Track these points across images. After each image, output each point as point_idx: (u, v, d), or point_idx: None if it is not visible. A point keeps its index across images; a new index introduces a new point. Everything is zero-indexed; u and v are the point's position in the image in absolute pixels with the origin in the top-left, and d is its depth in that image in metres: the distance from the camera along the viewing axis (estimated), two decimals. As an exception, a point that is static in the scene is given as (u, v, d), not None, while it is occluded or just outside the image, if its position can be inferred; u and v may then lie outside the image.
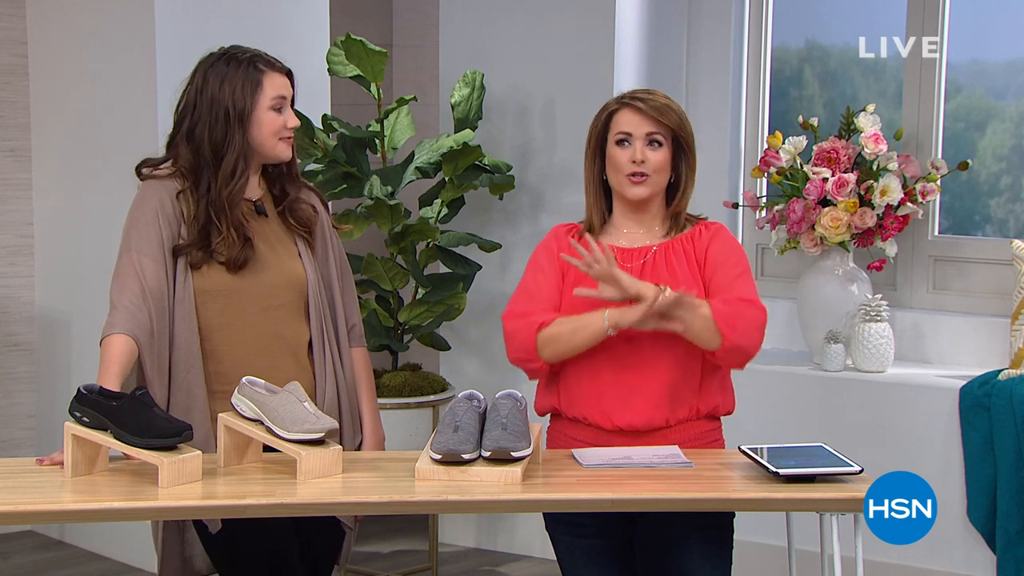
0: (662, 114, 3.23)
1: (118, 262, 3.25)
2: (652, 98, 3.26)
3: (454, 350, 5.25)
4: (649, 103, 3.24)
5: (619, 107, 3.27)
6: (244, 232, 3.26)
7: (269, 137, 3.28)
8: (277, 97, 3.28)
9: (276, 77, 3.29)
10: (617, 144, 3.25)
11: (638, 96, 3.27)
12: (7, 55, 5.35)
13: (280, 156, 3.31)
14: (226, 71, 3.27)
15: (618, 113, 3.26)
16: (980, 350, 4.77)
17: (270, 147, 3.29)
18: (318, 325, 3.35)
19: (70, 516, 2.98)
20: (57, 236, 5.37)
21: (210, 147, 3.25)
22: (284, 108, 3.30)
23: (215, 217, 3.24)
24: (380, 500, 2.88)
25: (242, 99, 3.25)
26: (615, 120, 3.26)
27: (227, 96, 3.25)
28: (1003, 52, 4.98)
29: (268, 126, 3.27)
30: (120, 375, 3.10)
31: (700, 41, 5.25)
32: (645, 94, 3.28)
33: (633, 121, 3.24)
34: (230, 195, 3.25)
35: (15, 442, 5.49)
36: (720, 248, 3.26)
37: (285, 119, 3.29)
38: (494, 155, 5.12)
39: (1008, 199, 4.95)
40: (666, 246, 3.28)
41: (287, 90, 3.31)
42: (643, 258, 3.26)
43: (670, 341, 3.19)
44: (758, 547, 4.63)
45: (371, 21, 6.07)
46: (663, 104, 3.25)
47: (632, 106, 3.25)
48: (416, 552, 5.30)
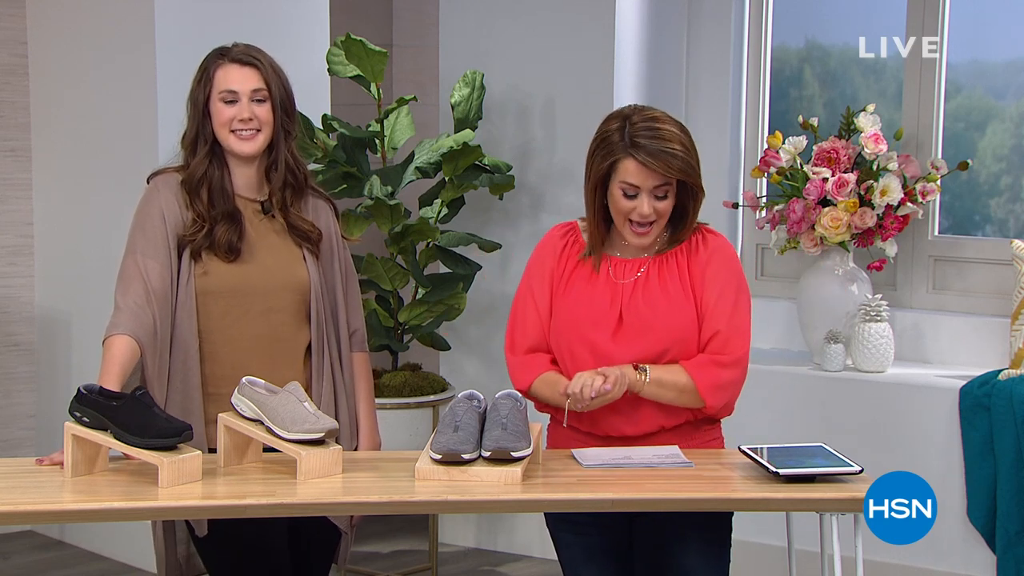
0: (668, 167, 3.10)
1: (123, 263, 3.26)
2: (659, 147, 3.10)
3: (454, 350, 5.25)
4: (656, 155, 3.10)
5: (623, 155, 3.13)
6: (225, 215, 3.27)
7: (219, 129, 3.30)
8: (225, 90, 3.28)
9: (232, 69, 3.29)
10: (622, 193, 3.15)
11: (643, 144, 3.11)
12: (7, 55, 5.35)
13: (233, 149, 3.30)
14: (200, 65, 3.34)
15: (623, 162, 3.13)
16: (980, 350, 4.77)
17: (223, 139, 3.30)
18: (319, 329, 3.35)
19: (70, 516, 2.98)
20: (57, 236, 5.37)
21: (190, 140, 3.33)
22: (238, 101, 3.28)
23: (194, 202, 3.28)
24: (380, 500, 2.88)
25: (197, 90, 3.31)
26: (620, 168, 3.14)
27: (192, 89, 3.33)
28: (1003, 52, 4.98)
29: (217, 117, 3.29)
30: (121, 375, 3.10)
31: (700, 41, 5.25)
32: (650, 136, 3.11)
33: (640, 175, 3.12)
34: (189, 176, 3.29)
35: (15, 442, 5.49)
36: (718, 271, 3.22)
37: (235, 111, 3.28)
38: (494, 155, 5.12)
39: (1008, 199, 4.95)
40: (660, 260, 3.25)
41: (241, 84, 3.28)
42: (636, 273, 3.25)
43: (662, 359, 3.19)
44: (758, 547, 4.63)
45: (371, 21, 6.07)
46: (669, 152, 3.11)
47: (639, 162, 3.11)
48: (416, 552, 5.30)
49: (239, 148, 3.30)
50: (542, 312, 3.27)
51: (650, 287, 3.22)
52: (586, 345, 3.20)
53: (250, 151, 3.30)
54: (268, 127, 3.30)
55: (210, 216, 3.27)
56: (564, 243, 3.31)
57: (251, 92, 3.29)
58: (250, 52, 3.32)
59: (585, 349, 3.20)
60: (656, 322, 3.18)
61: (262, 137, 3.30)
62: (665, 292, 3.21)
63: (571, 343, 3.22)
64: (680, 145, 3.13)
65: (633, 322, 3.19)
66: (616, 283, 3.23)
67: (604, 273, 3.25)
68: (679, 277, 3.23)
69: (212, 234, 3.26)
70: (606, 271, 3.25)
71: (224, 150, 3.32)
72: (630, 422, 3.20)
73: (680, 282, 3.22)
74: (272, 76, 3.31)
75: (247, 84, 3.29)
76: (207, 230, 3.26)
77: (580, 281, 3.26)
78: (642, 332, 3.19)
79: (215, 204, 3.29)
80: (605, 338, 3.19)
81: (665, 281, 3.22)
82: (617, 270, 3.25)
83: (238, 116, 3.28)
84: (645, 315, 3.19)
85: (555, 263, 3.29)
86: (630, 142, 3.13)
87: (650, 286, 3.22)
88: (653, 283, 3.22)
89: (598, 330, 3.20)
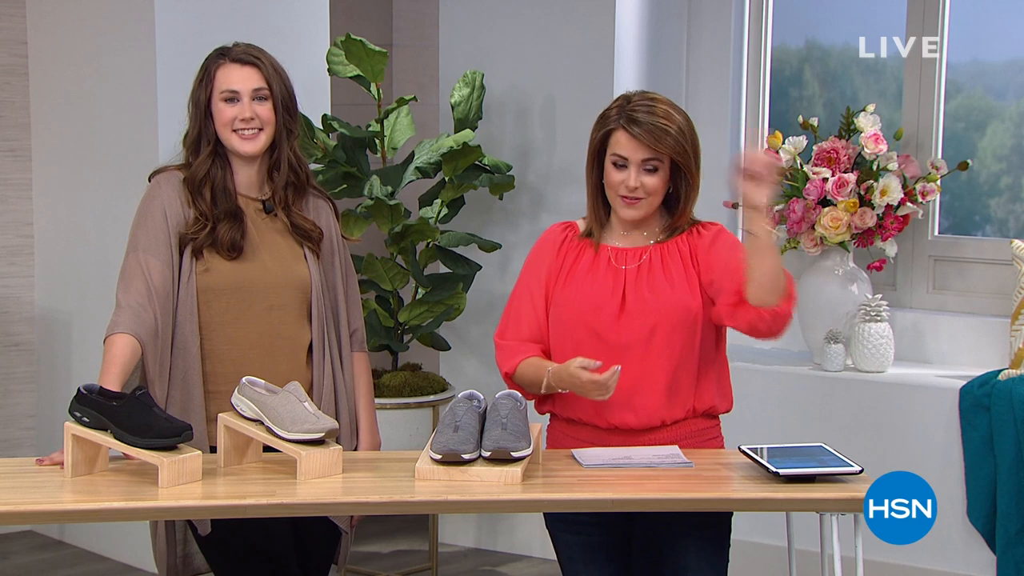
0: (658, 141, 3.15)
1: (124, 262, 3.26)
2: (651, 121, 3.16)
3: (454, 350, 5.25)
4: (647, 128, 3.15)
5: (616, 127, 3.19)
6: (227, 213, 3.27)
7: (221, 129, 3.30)
8: (226, 90, 3.28)
9: (232, 69, 3.30)
10: (613, 164, 3.21)
11: (637, 118, 3.17)
12: (7, 55, 5.35)
13: (235, 148, 3.31)
14: (202, 65, 3.34)
15: (616, 133, 3.19)
16: (980, 350, 4.77)
17: (225, 139, 3.31)
18: (319, 328, 3.35)
19: (70, 516, 2.98)
20: (57, 236, 5.37)
21: (192, 139, 3.33)
22: (239, 100, 3.29)
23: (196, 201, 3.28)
24: (380, 500, 2.89)
25: (199, 90, 3.32)
26: (612, 140, 3.20)
27: (193, 89, 3.33)
28: (1003, 52, 4.98)
29: (219, 117, 3.30)
30: (121, 375, 3.10)
31: (700, 41, 5.25)
32: (645, 112, 3.17)
33: (629, 146, 3.18)
34: (192, 175, 3.29)
35: (15, 442, 5.49)
36: (723, 242, 3.25)
37: (237, 111, 3.28)
38: (494, 155, 5.12)
39: (1008, 199, 4.95)
40: (662, 247, 3.27)
41: (243, 83, 3.29)
42: (639, 260, 3.26)
43: (666, 341, 3.20)
44: (758, 547, 4.63)
45: (371, 21, 6.07)
46: (661, 128, 3.16)
47: (628, 131, 3.17)
48: (416, 552, 5.30)
49: (241, 148, 3.30)
50: (537, 307, 3.28)
51: (653, 271, 3.24)
52: (588, 329, 3.21)
53: (252, 150, 3.30)
54: (270, 126, 3.30)
55: (213, 215, 3.27)
56: (564, 237, 3.32)
57: (252, 91, 3.29)
58: (251, 51, 3.32)
59: (587, 333, 3.21)
60: (658, 303, 3.20)
61: (264, 136, 3.30)
62: (668, 276, 3.23)
63: (574, 328, 3.22)
64: (674, 125, 3.18)
65: (636, 305, 3.21)
66: (618, 268, 3.25)
67: (605, 260, 3.26)
68: (681, 262, 3.25)
69: (215, 232, 3.27)
70: (607, 258, 3.26)
71: (227, 150, 3.32)
72: (632, 411, 3.19)
73: (683, 265, 3.25)
74: (273, 75, 3.31)
75: (248, 83, 3.29)
76: (210, 228, 3.26)
77: (581, 269, 3.27)
78: (645, 313, 3.20)
79: (218, 203, 3.29)
80: (608, 322, 3.20)
81: (668, 266, 3.25)
82: (618, 257, 3.26)
83: (239, 116, 3.28)
84: (648, 298, 3.21)
85: (553, 258, 3.30)
86: (625, 116, 3.19)
87: (653, 270, 3.24)
88: (656, 268, 3.24)
89: (601, 314, 3.21)
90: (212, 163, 3.31)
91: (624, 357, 3.19)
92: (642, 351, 3.20)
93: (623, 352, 3.19)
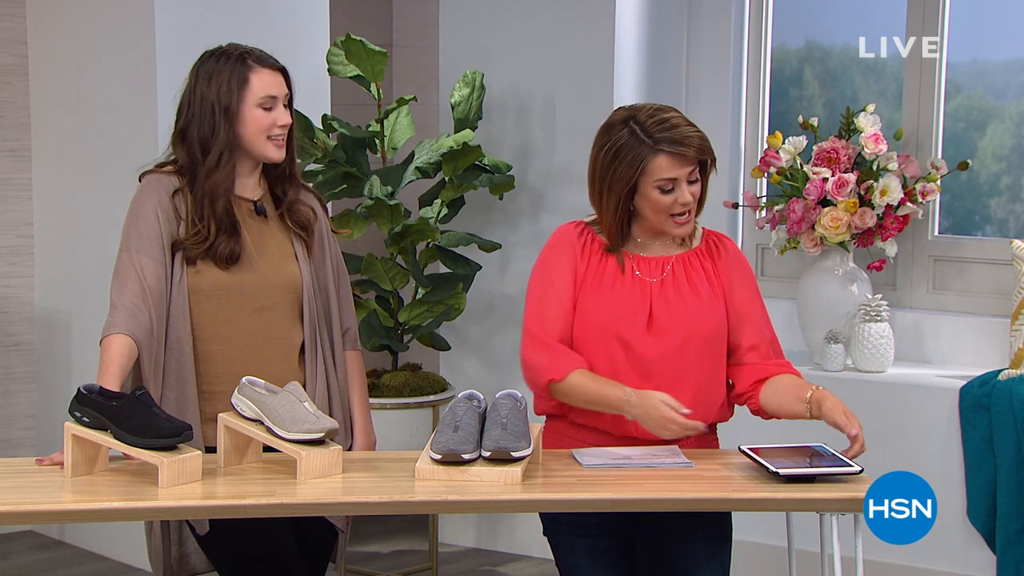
0: (700, 149, 3.15)
1: (118, 261, 3.24)
2: (686, 133, 3.13)
3: (454, 350, 5.25)
4: (689, 142, 3.12)
5: (653, 153, 3.13)
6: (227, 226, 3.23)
7: (257, 135, 3.24)
8: (266, 96, 3.23)
9: (266, 74, 3.25)
10: (659, 190, 3.16)
11: (672, 136, 3.12)
12: (7, 55, 5.35)
13: (268, 156, 3.26)
14: (215, 67, 3.24)
15: (655, 159, 3.13)
16: (980, 350, 4.77)
17: (258, 146, 3.25)
18: (311, 327, 3.34)
19: (70, 516, 2.98)
20: (57, 236, 5.37)
21: (199, 143, 3.24)
22: (274, 106, 3.25)
23: (204, 211, 3.23)
24: (380, 500, 2.88)
25: (227, 95, 3.22)
26: (652, 166, 3.13)
27: (214, 92, 3.23)
28: (1003, 52, 4.98)
29: (255, 124, 3.23)
30: (120, 375, 3.10)
31: (700, 41, 5.25)
32: (667, 128, 3.13)
33: (675, 166, 3.13)
34: (212, 187, 3.22)
35: (15, 442, 5.49)
36: (743, 279, 3.30)
37: (274, 117, 3.24)
38: (494, 155, 5.12)
39: (1008, 199, 4.95)
40: (683, 258, 3.27)
41: (278, 88, 3.25)
42: (663, 272, 3.25)
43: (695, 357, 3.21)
44: (758, 547, 4.63)
45: (371, 21, 6.07)
46: (698, 135, 3.15)
47: (671, 154, 3.12)
48: (416, 552, 5.30)
49: (276, 155, 3.27)
50: (565, 305, 3.23)
51: (679, 284, 3.24)
52: (619, 342, 3.19)
53: (282, 157, 3.28)
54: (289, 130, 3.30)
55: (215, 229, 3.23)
56: (583, 241, 3.28)
57: (284, 96, 3.27)
58: (272, 56, 3.30)
59: (619, 346, 3.20)
60: (688, 317, 3.21)
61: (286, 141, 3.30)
62: (695, 290, 3.24)
63: (605, 341, 3.20)
64: (690, 124, 3.18)
65: (664, 317, 3.21)
66: (644, 280, 3.24)
67: (629, 271, 3.25)
68: (706, 278, 3.26)
69: (212, 245, 3.23)
70: (631, 269, 3.25)
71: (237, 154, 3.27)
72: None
73: (708, 283, 3.26)
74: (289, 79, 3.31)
75: (282, 89, 3.27)
76: (208, 244, 3.23)
77: (607, 279, 3.24)
78: (673, 327, 3.20)
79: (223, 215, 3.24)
80: (638, 334, 3.20)
81: (693, 279, 3.26)
82: (642, 268, 3.26)
83: (278, 122, 3.24)
84: (677, 310, 3.21)
85: (578, 260, 3.26)
86: (652, 140, 3.14)
87: (679, 283, 3.24)
88: (681, 280, 3.25)
89: (631, 326, 3.20)
90: (221, 176, 3.24)
91: (652, 371, 3.19)
92: (671, 366, 3.20)
93: (652, 365, 3.19)
